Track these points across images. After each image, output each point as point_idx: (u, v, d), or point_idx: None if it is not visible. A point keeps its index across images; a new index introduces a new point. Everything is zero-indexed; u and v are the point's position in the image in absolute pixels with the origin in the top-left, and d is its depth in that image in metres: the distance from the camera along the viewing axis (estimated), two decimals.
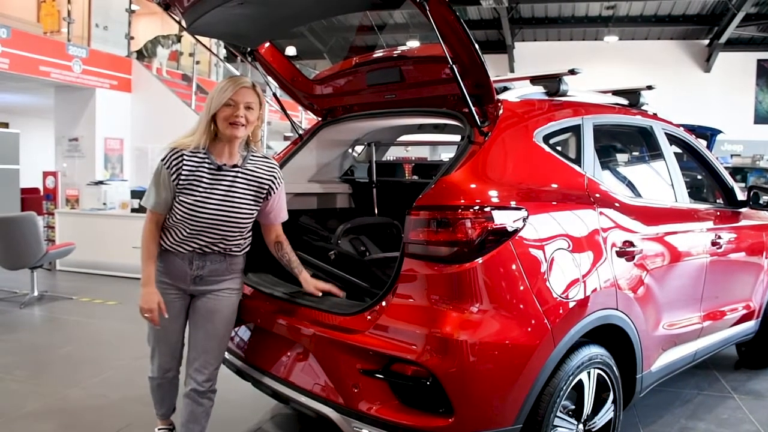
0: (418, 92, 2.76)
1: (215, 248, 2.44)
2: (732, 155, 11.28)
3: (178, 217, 2.37)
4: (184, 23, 2.78)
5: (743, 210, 3.77)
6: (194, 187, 2.35)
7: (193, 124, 2.42)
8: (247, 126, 2.36)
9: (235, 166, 2.41)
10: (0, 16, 8.25)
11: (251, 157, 2.46)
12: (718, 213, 3.56)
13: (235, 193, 2.40)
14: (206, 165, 2.36)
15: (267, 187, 2.48)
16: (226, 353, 2.87)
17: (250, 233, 2.54)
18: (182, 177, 2.33)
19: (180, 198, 2.35)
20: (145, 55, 9.86)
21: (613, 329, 2.54)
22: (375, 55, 2.96)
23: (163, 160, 2.35)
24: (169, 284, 2.46)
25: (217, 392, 2.62)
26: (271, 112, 10.66)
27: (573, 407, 2.37)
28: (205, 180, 2.36)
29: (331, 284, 2.60)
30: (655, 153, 3.27)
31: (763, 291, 3.92)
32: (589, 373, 2.38)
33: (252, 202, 2.45)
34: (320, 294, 2.54)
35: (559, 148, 2.60)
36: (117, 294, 6.37)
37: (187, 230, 2.39)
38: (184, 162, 2.34)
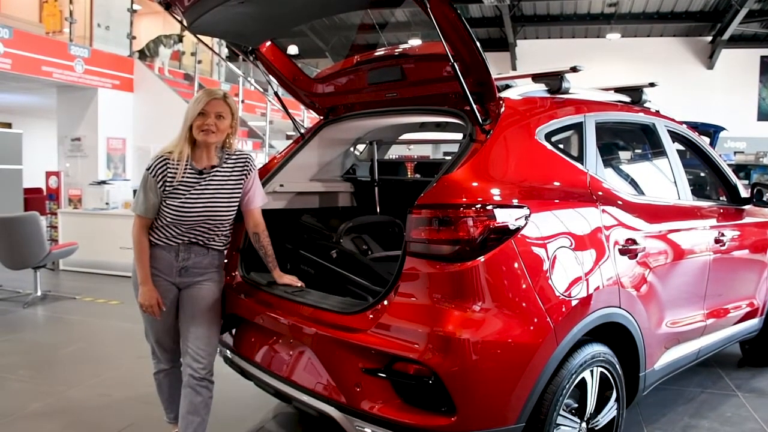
0: (419, 90, 2.76)
1: (200, 240, 2.62)
2: (735, 152, 11.26)
3: (169, 219, 2.55)
4: (185, 22, 2.79)
5: (747, 207, 3.76)
6: (179, 192, 2.53)
7: (176, 134, 2.60)
8: (218, 133, 2.56)
9: (213, 167, 2.62)
10: (2, 17, 8.27)
11: (226, 157, 2.66)
12: (722, 210, 3.55)
13: (216, 191, 2.60)
14: (188, 170, 2.55)
15: (244, 173, 2.68)
16: (228, 352, 2.88)
17: (231, 229, 2.74)
18: (168, 183, 2.52)
19: (167, 202, 2.53)
20: (147, 54, 9.86)
21: (616, 327, 2.54)
22: (376, 54, 2.95)
23: (148, 168, 2.54)
24: (160, 276, 2.61)
25: (220, 392, 2.64)
26: (273, 111, 10.69)
27: (576, 406, 2.36)
28: (188, 184, 2.55)
29: (293, 277, 2.77)
30: (658, 150, 3.26)
31: (766, 288, 3.91)
32: (592, 371, 2.38)
33: (234, 196, 2.65)
34: (300, 284, 2.70)
35: (561, 146, 2.59)
36: (120, 293, 6.39)
37: (180, 229, 2.57)
38: (169, 169, 2.52)
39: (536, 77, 2.78)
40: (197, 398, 2.58)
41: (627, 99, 3.31)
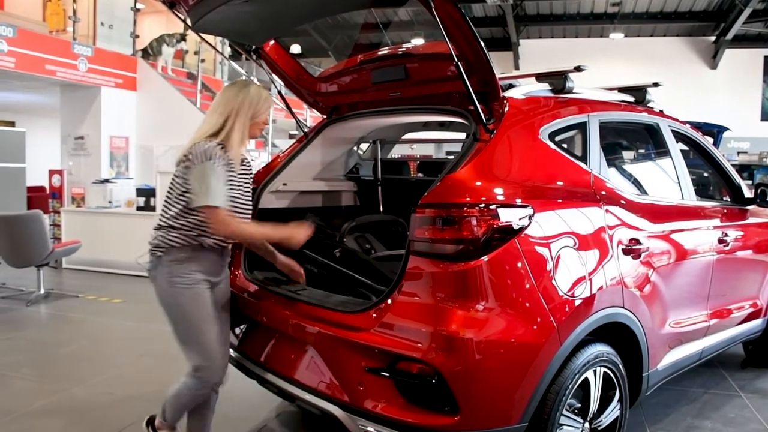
0: (423, 90, 2.75)
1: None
2: (739, 152, 11.27)
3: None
4: (189, 21, 2.79)
5: (750, 208, 3.75)
6: (233, 182, 2.48)
7: (213, 123, 2.45)
8: None
9: (244, 160, 2.60)
10: (6, 16, 8.29)
11: (241, 156, 2.66)
12: (725, 210, 3.54)
13: (248, 185, 2.61)
14: (233, 162, 2.49)
15: (251, 175, 2.70)
16: (231, 351, 2.88)
17: None
18: (230, 174, 2.43)
19: (229, 194, 2.42)
20: (150, 53, 9.88)
21: (620, 327, 2.53)
22: (380, 53, 2.95)
23: (211, 158, 2.35)
24: (208, 279, 2.47)
25: (223, 390, 2.65)
26: (277, 110, 10.69)
27: (579, 406, 2.36)
28: (237, 175, 2.51)
29: (293, 260, 2.75)
30: (662, 150, 3.26)
31: None
32: (595, 371, 2.37)
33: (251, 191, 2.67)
34: (299, 268, 2.73)
35: (564, 146, 2.59)
36: (123, 292, 6.38)
37: None
38: (229, 160, 2.44)
39: (540, 77, 2.78)
40: (215, 396, 2.63)
41: (630, 99, 3.31)
